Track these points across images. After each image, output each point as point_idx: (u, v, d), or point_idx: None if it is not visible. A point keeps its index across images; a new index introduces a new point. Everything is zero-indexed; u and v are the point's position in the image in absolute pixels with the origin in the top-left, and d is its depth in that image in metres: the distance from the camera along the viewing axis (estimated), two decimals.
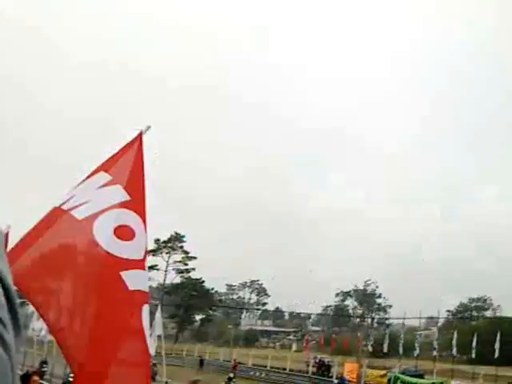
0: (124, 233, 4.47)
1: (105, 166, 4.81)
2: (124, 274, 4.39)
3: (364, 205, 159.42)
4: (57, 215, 4.53)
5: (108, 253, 4.34)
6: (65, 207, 4.54)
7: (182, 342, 76.32)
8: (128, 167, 4.80)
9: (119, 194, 4.67)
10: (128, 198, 4.66)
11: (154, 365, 37.74)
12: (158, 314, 33.03)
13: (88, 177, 4.78)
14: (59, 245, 4.43)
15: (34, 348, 37.40)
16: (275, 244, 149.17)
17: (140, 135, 4.72)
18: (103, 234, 4.39)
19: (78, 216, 4.46)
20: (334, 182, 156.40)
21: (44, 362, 35.89)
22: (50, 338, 40.62)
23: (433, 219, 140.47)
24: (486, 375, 34.25)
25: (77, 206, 4.51)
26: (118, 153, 4.85)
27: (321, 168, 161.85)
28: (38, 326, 35.38)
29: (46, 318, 4.36)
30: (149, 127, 4.62)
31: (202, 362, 49.50)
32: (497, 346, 36.15)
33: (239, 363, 50.29)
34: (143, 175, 4.81)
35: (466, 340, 46.42)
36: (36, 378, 31.39)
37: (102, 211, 4.55)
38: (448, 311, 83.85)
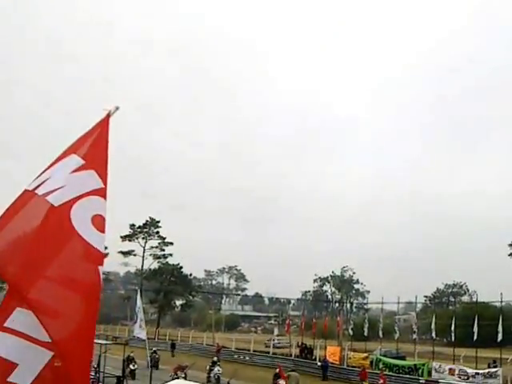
0: (99, 223, 4.42)
1: (75, 148, 4.68)
2: (100, 269, 4.34)
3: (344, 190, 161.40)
4: (30, 199, 4.40)
5: (87, 243, 4.28)
6: (39, 192, 4.42)
7: (164, 326, 76.81)
8: (99, 151, 4.71)
9: (93, 180, 4.59)
10: (101, 185, 4.59)
11: (155, 352, 38.27)
12: (139, 299, 33.14)
13: (59, 159, 4.65)
14: (35, 231, 4.28)
15: None
16: (252, 230, 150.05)
17: (107, 116, 4.63)
18: (82, 224, 4.32)
19: (53, 202, 4.34)
20: (313, 168, 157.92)
21: None
22: None
23: (407, 200, 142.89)
24: (466, 357, 35.35)
25: (52, 192, 4.39)
26: (87, 134, 4.71)
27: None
28: None
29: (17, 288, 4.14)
30: (117, 108, 4.52)
31: (173, 346, 50.22)
32: (475, 329, 37.27)
33: (223, 347, 50.94)
34: (107, 159, 4.74)
35: (444, 324, 47.70)
36: None
37: (78, 197, 4.47)
38: (425, 297, 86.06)
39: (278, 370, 29.60)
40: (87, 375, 4.31)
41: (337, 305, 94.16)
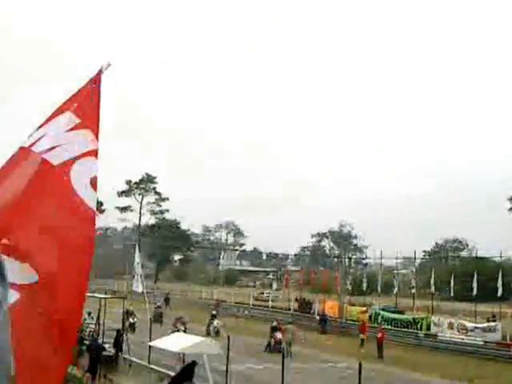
0: (95, 184, 4.47)
1: (68, 105, 4.68)
2: (93, 228, 4.46)
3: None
4: (26, 156, 4.39)
5: (85, 203, 4.33)
6: (35, 149, 4.42)
7: (163, 281, 77.43)
8: (92, 108, 4.72)
9: (90, 139, 4.62)
10: (97, 145, 4.63)
11: (159, 307, 38.36)
12: (137, 253, 32.91)
13: (53, 116, 4.65)
14: (32, 189, 4.26)
15: None
16: (247, 184, 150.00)
17: (99, 73, 4.61)
18: (81, 185, 4.37)
19: (52, 161, 4.37)
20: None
21: None
22: None
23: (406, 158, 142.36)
24: (465, 311, 35.42)
25: (49, 150, 4.41)
26: (80, 91, 4.72)
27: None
28: None
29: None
30: (109, 65, 4.45)
31: (167, 300, 50.44)
32: (474, 284, 37.22)
33: (222, 301, 51.24)
34: (99, 117, 4.76)
35: (443, 279, 47.83)
36: None
37: (77, 158, 4.50)
38: (424, 252, 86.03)
39: (275, 323, 30.21)
40: (75, 332, 4.43)
41: (335, 260, 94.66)
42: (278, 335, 29.16)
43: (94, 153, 4.61)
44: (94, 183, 4.50)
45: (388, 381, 22.61)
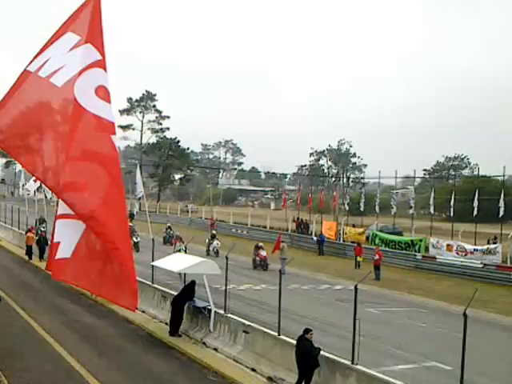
0: (104, 93, 4.71)
1: (69, 26, 4.90)
2: (113, 138, 4.80)
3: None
4: (32, 80, 4.71)
5: (95, 115, 4.69)
6: (41, 74, 4.76)
7: (164, 200, 77.97)
8: (93, 24, 4.85)
9: (91, 52, 4.84)
10: (100, 56, 4.86)
11: (170, 228, 38.14)
12: (138, 173, 32.11)
13: (55, 37, 4.88)
14: (39, 107, 4.69)
15: (27, 206, 37.63)
16: (246, 103, 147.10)
17: None
18: (84, 95, 4.63)
19: (57, 83, 4.69)
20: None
21: (42, 221, 35.77)
22: (40, 196, 40.64)
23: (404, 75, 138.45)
24: (465, 232, 34.90)
25: (54, 72, 4.73)
26: (79, 9, 4.88)
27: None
28: (33, 186, 35.82)
29: (36, 176, 5.15)
30: None
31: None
32: (475, 204, 36.42)
33: (221, 221, 50.97)
34: (102, 31, 4.85)
35: (443, 199, 47.03)
36: (31, 234, 31.26)
37: (79, 73, 4.76)
38: (424, 170, 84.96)
39: (261, 243, 31.14)
40: (125, 237, 5.23)
41: (333, 179, 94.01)
42: (263, 253, 30.13)
43: (97, 64, 4.81)
44: (100, 92, 4.73)
45: (383, 302, 22.39)
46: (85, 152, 4.69)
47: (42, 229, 32.30)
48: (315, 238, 39.21)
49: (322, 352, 11.38)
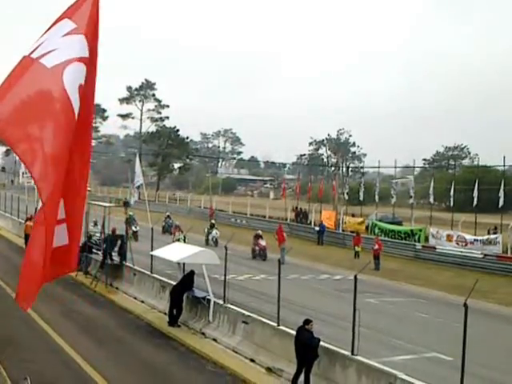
0: (82, 93, 4.72)
1: (68, 13, 4.89)
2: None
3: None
4: (27, 64, 4.67)
5: (73, 109, 4.66)
6: (34, 55, 4.69)
7: (163, 189, 77.66)
8: (91, 17, 4.88)
9: (82, 45, 4.79)
10: (87, 53, 4.80)
11: (169, 216, 38.04)
12: (137, 162, 31.76)
13: (53, 24, 4.88)
14: (35, 93, 4.62)
15: (26, 195, 37.41)
16: (245, 92, 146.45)
17: None
18: (72, 89, 4.64)
19: (46, 64, 4.63)
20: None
21: None
22: None
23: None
24: (465, 222, 34.83)
25: (45, 54, 4.67)
26: (78, 1, 4.93)
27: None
28: (27, 174, 35.26)
29: (30, 168, 4.69)
30: None
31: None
32: (475, 194, 36.27)
33: (220, 210, 50.75)
34: (98, 26, 4.97)
35: (443, 188, 46.85)
36: (30, 223, 31.06)
37: (69, 62, 4.69)
38: (424, 160, 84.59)
39: (259, 231, 30.91)
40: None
41: (332, 168, 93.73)
42: (262, 242, 29.97)
43: (84, 60, 4.77)
44: (80, 91, 4.69)
45: (382, 292, 22.35)
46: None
47: None
48: (317, 228, 39.01)
49: (321, 343, 11.34)
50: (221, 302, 15.14)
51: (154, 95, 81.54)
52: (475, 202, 35.97)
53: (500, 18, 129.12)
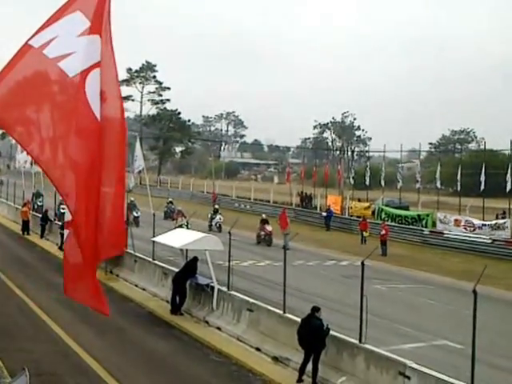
0: (103, 97, 4.76)
1: (79, 4, 4.72)
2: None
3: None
4: (41, 60, 4.52)
5: (96, 118, 4.67)
6: (48, 53, 4.53)
7: (165, 174, 77.01)
8: (104, 13, 4.76)
9: (99, 49, 4.69)
10: (99, 58, 4.70)
11: (171, 202, 37.39)
12: (138, 146, 31.17)
13: (61, 14, 4.65)
14: (32, 76, 4.52)
15: (23, 180, 37.07)
16: (248, 74, 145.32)
17: None
18: (94, 98, 4.68)
19: (68, 72, 4.54)
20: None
21: (38, 195, 35.04)
22: (37, 169, 39.99)
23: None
24: (472, 207, 34.36)
25: (63, 57, 4.53)
26: None
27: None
28: (23, 158, 34.87)
29: (28, 150, 4.74)
30: None
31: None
32: (482, 178, 35.71)
33: (223, 195, 50.34)
34: (110, 23, 4.88)
35: (450, 172, 46.23)
36: (26, 208, 30.44)
37: (89, 69, 4.64)
38: (430, 144, 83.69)
39: (264, 217, 30.30)
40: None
41: (337, 152, 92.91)
42: (269, 228, 29.49)
43: (99, 64, 4.69)
44: (102, 96, 4.68)
45: (390, 279, 21.96)
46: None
47: (39, 203, 31.49)
48: (324, 214, 38.51)
49: (329, 331, 11.04)
50: (225, 289, 14.78)
51: (154, 77, 79.66)
52: (482, 187, 35.41)
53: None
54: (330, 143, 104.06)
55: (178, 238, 16.40)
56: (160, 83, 79.58)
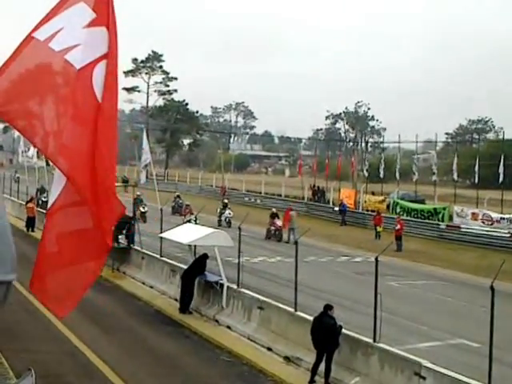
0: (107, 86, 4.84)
1: None
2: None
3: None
4: (47, 53, 4.57)
5: (101, 108, 4.76)
6: (55, 47, 4.59)
7: (173, 167, 76.04)
8: (109, 4, 4.80)
9: (105, 40, 4.77)
10: (107, 49, 4.79)
11: (179, 196, 37.06)
12: (145, 138, 30.67)
13: (64, 4, 4.67)
14: (35, 68, 4.53)
15: (27, 175, 36.99)
16: (257, 63, 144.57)
17: None
18: (99, 89, 4.77)
19: (75, 64, 4.62)
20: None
21: (42, 190, 34.90)
22: (40, 163, 39.90)
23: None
24: (490, 200, 33.73)
25: (69, 49, 4.60)
26: None
27: None
28: (31, 154, 34.74)
29: (33, 142, 4.97)
30: None
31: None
32: (501, 169, 34.98)
33: (233, 189, 49.90)
34: (115, 15, 4.90)
35: (467, 164, 45.40)
36: (31, 204, 30.19)
37: (96, 61, 4.74)
38: (447, 134, 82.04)
39: (275, 211, 29.98)
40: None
41: (351, 144, 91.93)
42: (278, 222, 29.07)
43: (106, 56, 4.71)
44: (105, 86, 4.65)
45: (405, 275, 21.50)
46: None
47: (44, 199, 31.29)
48: (337, 208, 37.95)
49: (342, 330, 10.77)
50: (235, 286, 14.49)
51: (161, 67, 77.59)
52: (501, 179, 34.67)
53: None
54: (342, 134, 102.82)
55: (186, 233, 16.12)
56: (167, 73, 77.64)
